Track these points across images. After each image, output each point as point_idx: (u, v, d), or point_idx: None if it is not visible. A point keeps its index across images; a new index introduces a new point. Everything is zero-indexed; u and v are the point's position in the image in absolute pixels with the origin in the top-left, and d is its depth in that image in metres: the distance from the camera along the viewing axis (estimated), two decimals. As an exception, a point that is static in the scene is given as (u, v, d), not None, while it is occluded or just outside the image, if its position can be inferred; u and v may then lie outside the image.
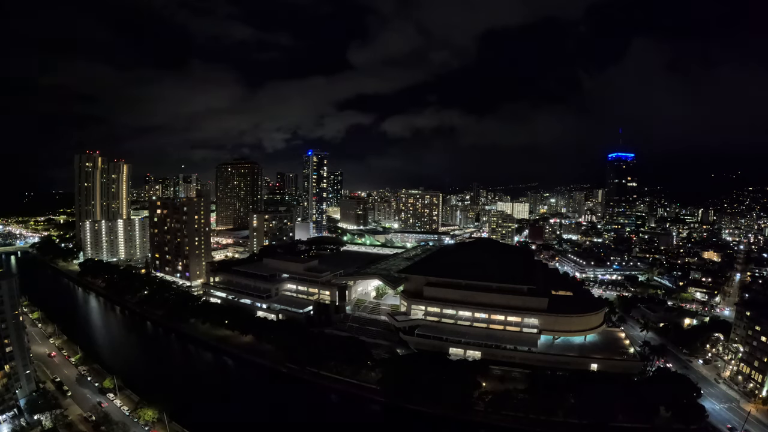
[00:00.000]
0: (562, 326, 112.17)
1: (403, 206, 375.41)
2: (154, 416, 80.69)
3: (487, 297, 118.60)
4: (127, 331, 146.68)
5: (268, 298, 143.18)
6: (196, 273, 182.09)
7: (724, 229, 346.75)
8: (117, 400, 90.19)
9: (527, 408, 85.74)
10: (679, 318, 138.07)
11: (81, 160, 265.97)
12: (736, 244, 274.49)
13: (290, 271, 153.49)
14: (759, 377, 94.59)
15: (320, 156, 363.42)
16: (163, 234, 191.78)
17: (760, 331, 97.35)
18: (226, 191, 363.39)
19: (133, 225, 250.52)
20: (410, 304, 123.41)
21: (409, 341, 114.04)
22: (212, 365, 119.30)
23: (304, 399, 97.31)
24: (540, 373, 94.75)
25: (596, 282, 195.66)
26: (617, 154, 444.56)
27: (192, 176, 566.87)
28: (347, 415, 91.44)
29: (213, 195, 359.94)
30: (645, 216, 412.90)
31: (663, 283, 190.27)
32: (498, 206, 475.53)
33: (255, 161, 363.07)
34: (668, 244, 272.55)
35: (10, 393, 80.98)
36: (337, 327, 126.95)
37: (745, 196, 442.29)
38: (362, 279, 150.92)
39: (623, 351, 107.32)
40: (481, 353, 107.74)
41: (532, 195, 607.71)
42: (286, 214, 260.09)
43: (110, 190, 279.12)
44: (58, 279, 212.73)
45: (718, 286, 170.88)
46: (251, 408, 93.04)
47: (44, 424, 78.39)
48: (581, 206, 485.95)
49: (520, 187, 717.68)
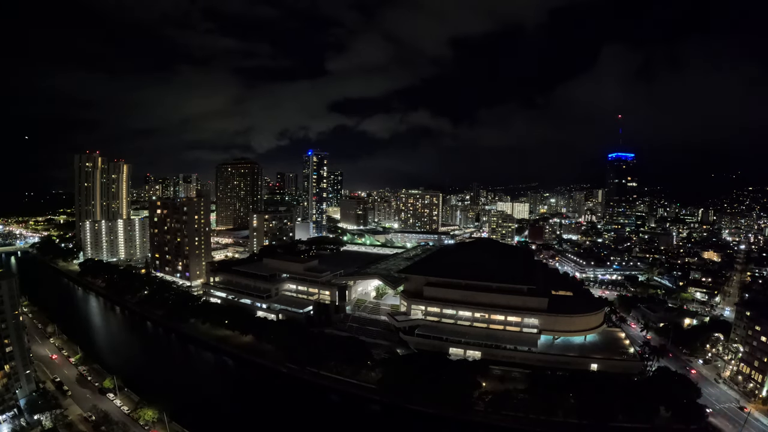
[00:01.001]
0: (562, 326, 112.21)
1: (403, 206, 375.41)
2: (154, 416, 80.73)
3: (487, 297, 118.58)
4: (127, 331, 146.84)
5: (268, 298, 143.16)
6: (196, 273, 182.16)
7: (724, 229, 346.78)
8: (117, 400, 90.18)
9: (527, 408, 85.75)
10: (679, 318, 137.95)
11: (81, 160, 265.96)
12: (736, 244, 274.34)
13: (290, 271, 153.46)
14: (759, 377, 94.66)
15: (320, 156, 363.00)
16: (163, 234, 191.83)
17: (760, 331, 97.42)
18: (226, 191, 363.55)
19: (133, 225, 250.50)
20: (410, 304, 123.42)
21: (409, 341, 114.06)
22: (212, 365, 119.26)
23: (304, 399, 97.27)
24: (540, 373, 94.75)
25: (596, 282, 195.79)
26: (617, 154, 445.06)
27: (192, 176, 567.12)
28: (347, 415, 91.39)
29: (213, 195, 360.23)
30: (645, 216, 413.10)
31: (663, 283, 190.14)
32: (498, 206, 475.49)
33: (255, 161, 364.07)
34: (668, 244, 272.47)
35: (10, 393, 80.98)
36: (337, 327, 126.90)
37: (745, 196, 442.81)
38: (362, 279, 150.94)
39: (623, 351, 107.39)
40: (481, 353, 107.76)
41: (532, 195, 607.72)
42: (286, 214, 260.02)
43: (110, 190, 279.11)
44: (58, 279, 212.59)
45: (718, 286, 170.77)
46: (251, 408, 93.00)
47: (44, 424, 78.44)
48: (581, 206, 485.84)
49: (520, 187, 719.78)
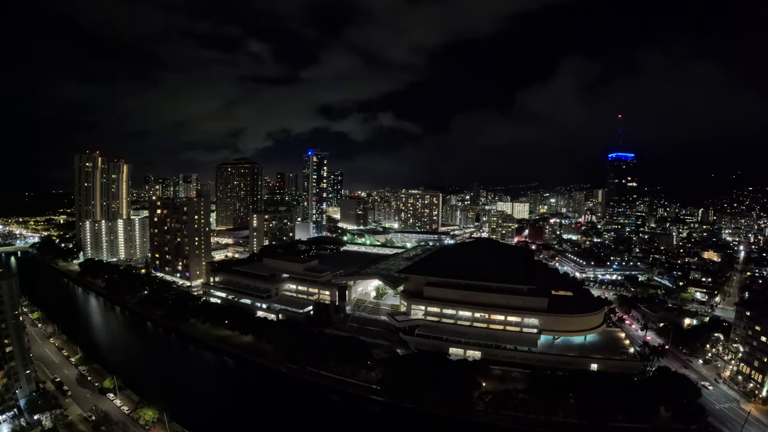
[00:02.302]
0: (562, 326, 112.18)
1: (403, 206, 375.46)
2: (154, 416, 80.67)
3: (487, 297, 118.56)
4: (127, 331, 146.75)
5: (268, 298, 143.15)
6: (196, 273, 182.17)
7: (724, 229, 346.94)
8: (117, 400, 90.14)
9: (527, 408, 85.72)
10: (679, 318, 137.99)
11: (81, 160, 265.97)
12: (736, 244, 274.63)
13: (290, 271, 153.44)
14: (759, 377, 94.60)
15: (320, 156, 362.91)
16: (163, 234, 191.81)
17: (760, 331, 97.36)
18: (226, 191, 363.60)
19: (133, 225, 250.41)
20: (410, 304, 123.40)
21: (409, 341, 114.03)
22: (212, 365, 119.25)
23: (304, 399, 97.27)
24: (540, 373, 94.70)
25: (596, 282, 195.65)
26: (617, 154, 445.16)
27: (192, 176, 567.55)
28: (347, 415, 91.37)
29: (213, 195, 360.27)
30: (645, 216, 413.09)
31: (663, 283, 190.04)
32: (498, 206, 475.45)
33: (255, 161, 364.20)
34: (668, 244, 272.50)
35: (10, 393, 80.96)
36: (337, 327, 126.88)
37: (745, 196, 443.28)
38: (362, 279, 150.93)
39: (623, 351, 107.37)
40: (481, 353, 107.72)
41: (532, 195, 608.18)
42: (286, 214, 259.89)
43: (110, 190, 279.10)
44: (58, 279, 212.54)
45: (718, 286, 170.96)
46: (251, 408, 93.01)
47: (44, 424, 78.40)
48: (581, 206, 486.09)
49: (520, 187, 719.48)
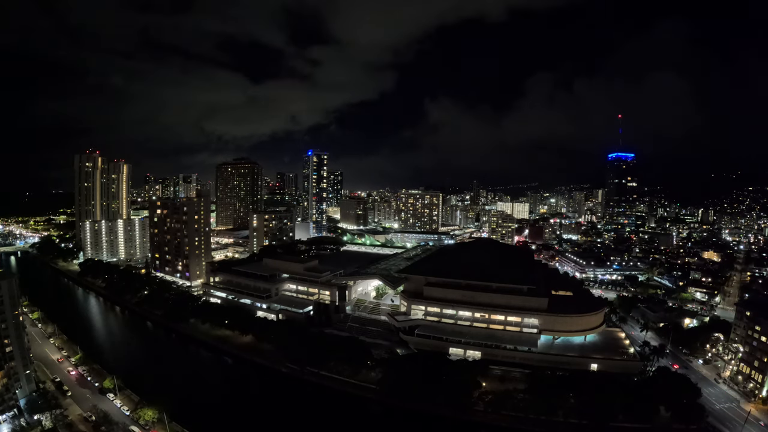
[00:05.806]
0: (562, 326, 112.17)
1: (403, 206, 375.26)
2: (154, 416, 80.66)
3: (487, 297, 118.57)
4: (127, 331, 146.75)
5: (268, 298, 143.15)
6: (196, 273, 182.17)
7: (724, 229, 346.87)
8: (117, 400, 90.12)
9: (527, 408, 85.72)
10: (679, 318, 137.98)
11: (81, 160, 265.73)
12: (736, 244, 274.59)
13: (290, 271, 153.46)
14: (759, 377, 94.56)
15: (320, 156, 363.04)
16: (163, 234, 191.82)
17: (760, 331, 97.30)
18: (226, 191, 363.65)
19: (133, 225, 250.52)
20: (410, 304, 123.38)
21: (409, 341, 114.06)
22: (212, 365, 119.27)
23: (304, 399, 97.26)
24: (540, 373, 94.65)
25: (596, 282, 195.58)
26: (617, 154, 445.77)
27: (192, 176, 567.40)
28: (347, 415, 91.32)
29: (213, 195, 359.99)
30: (645, 216, 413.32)
31: (663, 283, 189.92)
32: (498, 206, 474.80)
33: (255, 161, 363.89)
34: (668, 244, 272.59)
35: (10, 393, 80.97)
36: (337, 327, 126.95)
37: (745, 196, 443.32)
38: (362, 279, 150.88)
39: (623, 351, 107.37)
40: (481, 353, 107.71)
41: (532, 195, 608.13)
42: (286, 214, 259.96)
43: (110, 190, 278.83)
44: (58, 279, 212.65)
45: (718, 286, 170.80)
46: (251, 408, 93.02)
47: (44, 424, 78.38)
48: (581, 206, 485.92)
49: (520, 187, 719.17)
